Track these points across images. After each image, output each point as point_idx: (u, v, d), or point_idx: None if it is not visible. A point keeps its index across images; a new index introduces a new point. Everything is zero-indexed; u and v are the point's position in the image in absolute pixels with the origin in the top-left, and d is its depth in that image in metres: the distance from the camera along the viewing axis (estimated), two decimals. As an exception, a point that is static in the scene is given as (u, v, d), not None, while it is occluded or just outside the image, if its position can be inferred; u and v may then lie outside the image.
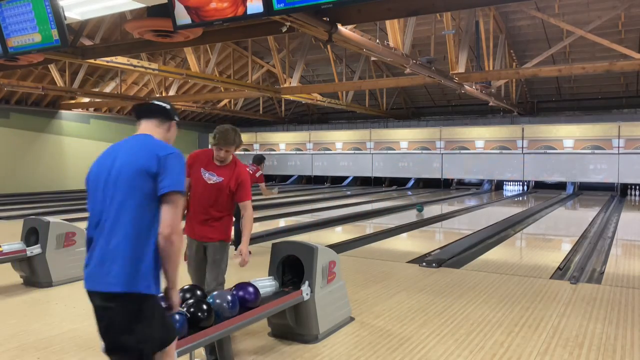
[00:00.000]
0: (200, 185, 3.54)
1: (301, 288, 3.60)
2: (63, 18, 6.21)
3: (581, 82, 17.52)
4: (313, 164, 22.12)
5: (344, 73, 16.09)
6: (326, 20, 6.16)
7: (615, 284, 5.36)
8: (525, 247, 8.17)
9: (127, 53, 9.52)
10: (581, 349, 3.57)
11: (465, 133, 19.13)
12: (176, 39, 7.06)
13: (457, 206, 13.81)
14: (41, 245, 5.25)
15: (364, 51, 8.05)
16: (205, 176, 3.55)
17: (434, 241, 8.83)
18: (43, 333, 3.92)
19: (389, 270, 5.96)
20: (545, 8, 12.80)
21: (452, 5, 6.17)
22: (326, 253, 3.88)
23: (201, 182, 3.54)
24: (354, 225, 10.59)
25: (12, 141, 17.15)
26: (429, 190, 19.01)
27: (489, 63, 12.82)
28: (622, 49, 10.48)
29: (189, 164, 3.55)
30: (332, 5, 4.84)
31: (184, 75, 12.40)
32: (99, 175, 2.31)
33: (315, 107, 23.46)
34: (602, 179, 16.97)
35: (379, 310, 4.45)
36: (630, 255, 7.20)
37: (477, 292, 5.03)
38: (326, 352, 3.53)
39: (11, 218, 10.56)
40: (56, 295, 4.94)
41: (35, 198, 15.04)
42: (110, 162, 2.28)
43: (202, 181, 3.54)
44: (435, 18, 11.45)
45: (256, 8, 5.01)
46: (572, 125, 17.48)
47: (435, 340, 3.75)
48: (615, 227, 9.61)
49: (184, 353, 2.68)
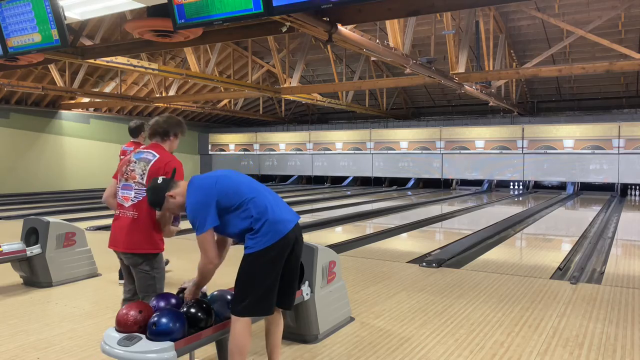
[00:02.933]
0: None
1: (301, 288, 3.60)
2: (63, 18, 6.21)
3: (581, 82, 17.52)
4: (313, 164, 22.12)
5: (344, 73, 16.10)
6: (326, 20, 6.16)
7: (615, 284, 5.36)
8: (525, 247, 8.16)
9: (127, 53, 9.52)
10: (581, 349, 3.57)
11: (465, 133, 19.13)
12: (176, 39, 7.06)
13: (457, 206, 13.81)
14: (41, 245, 5.25)
15: (364, 51, 8.05)
16: None
17: (434, 241, 8.83)
18: (43, 333, 3.92)
19: (389, 270, 5.96)
20: (546, 8, 12.80)
21: (452, 5, 6.16)
22: (326, 253, 3.87)
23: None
24: (354, 225, 10.59)
25: (12, 141, 17.16)
26: (429, 190, 19.02)
27: (489, 63, 12.82)
28: (622, 49, 10.48)
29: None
30: (332, 5, 4.84)
31: (184, 75, 12.40)
32: (229, 181, 2.87)
33: (315, 107, 23.47)
34: (602, 179, 16.97)
35: (379, 310, 4.45)
36: (630, 255, 7.20)
37: (477, 292, 5.03)
38: (326, 352, 3.53)
39: (11, 218, 10.56)
40: (56, 295, 4.94)
41: (35, 198, 15.04)
42: (221, 176, 2.89)
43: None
44: (435, 18, 11.44)
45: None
46: (572, 125, 17.47)
47: (435, 340, 3.75)
48: (615, 227, 9.61)
49: (184, 353, 2.67)
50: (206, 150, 24.55)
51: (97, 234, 8.50)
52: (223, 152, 24.28)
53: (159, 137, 3.36)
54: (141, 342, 2.57)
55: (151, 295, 3.13)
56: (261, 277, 2.75)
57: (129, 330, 2.64)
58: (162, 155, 3.27)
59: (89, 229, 8.69)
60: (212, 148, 24.51)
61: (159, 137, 3.36)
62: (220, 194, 2.73)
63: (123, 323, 2.66)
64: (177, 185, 2.85)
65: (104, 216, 10.64)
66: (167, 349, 2.53)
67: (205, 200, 2.71)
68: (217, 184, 2.77)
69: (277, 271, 2.79)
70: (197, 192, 2.76)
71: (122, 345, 2.55)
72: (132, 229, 3.16)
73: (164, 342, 2.55)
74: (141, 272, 3.18)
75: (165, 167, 3.19)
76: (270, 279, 2.77)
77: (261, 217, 2.74)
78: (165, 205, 2.84)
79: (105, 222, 9.70)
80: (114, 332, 2.66)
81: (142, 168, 3.20)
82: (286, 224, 2.80)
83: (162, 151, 3.31)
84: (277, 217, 2.77)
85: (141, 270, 3.18)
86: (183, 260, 6.47)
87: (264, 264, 2.75)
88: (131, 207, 3.19)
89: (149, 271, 3.18)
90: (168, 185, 2.84)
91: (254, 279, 2.75)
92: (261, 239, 2.73)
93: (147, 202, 2.94)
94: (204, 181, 2.80)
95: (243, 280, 2.78)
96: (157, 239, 3.22)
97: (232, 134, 24.23)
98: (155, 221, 3.21)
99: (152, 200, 2.87)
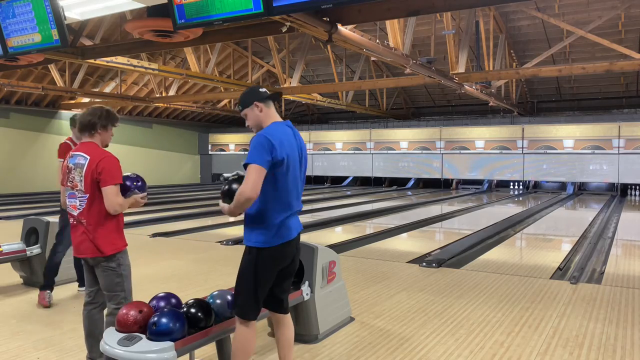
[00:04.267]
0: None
1: (301, 288, 3.60)
2: (63, 18, 6.22)
3: (581, 82, 17.53)
4: (313, 164, 22.12)
5: (344, 73, 16.10)
6: (326, 20, 6.16)
7: (615, 284, 5.36)
8: (525, 247, 8.16)
9: (127, 53, 9.53)
10: (581, 349, 3.57)
11: (465, 133, 19.13)
12: (176, 39, 7.07)
13: (457, 206, 13.81)
14: (41, 245, 5.25)
15: (364, 51, 8.05)
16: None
17: (434, 241, 8.83)
18: (43, 333, 3.92)
19: (389, 270, 5.96)
20: (546, 8, 12.81)
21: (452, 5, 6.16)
22: (326, 253, 3.87)
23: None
24: (354, 225, 10.59)
25: (12, 141, 17.17)
26: (429, 190, 19.02)
27: (489, 63, 12.82)
28: (622, 49, 10.49)
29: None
30: (332, 5, 4.84)
31: (184, 75, 12.42)
32: (295, 157, 2.75)
33: (315, 107, 23.47)
34: (602, 179, 16.98)
35: (379, 310, 4.45)
36: (630, 255, 7.20)
37: (477, 292, 5.03)
38: (326, 352, 3.53)
39: (11, 218, 10.57)
40: (56, 295, 4.94)
41: (35, 198, 15.05)
42: (296, 143, 2.78)
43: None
44: (435, 18, 11.45)
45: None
46: (572, 125, 17.47)
47: (435, 340, 3.75)
48: (615, 227, 9.61)
49: (184, 353, 2.67)
50: (206, 150, 24.55)
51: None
52: (223, 152, 24.27)
53: (87, 132, 3.21)
54: (141, 342, 2.57)
55: (119, 294, 3.09)
56: (262, 276, 2.72)
57: (129, 330, 2.64)
58: (93, 155, 3.10)
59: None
60: (212, 148, 24.51)
61: (87, 132, 3.21)
62: (278, 159, 2.62)
63: (123, 323, 2.66)
64: (265, 118, 2.79)
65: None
66: (167, 349, 2.53)
67: (270, 145, 2.59)
68: (285, 156, 2.65)
69: (275, 274, 2.77)
70: (271, 134, 2.64)
71: (122, 345, 2.55)
72: (87, 236, 3.07)
73: (164, 342, 2.55)
74: (107, 270, 3.08)
75: (97, 168, 3.04)
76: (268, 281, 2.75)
77: (280, 212, 2.69)
78: (248, 110, 2.78)
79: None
80: (114, 332, 2.67)
81: (79, 174, 3.08)
82: (293, 230, 2.78)
83: (93, 150, 3.15)
84: (285, 222, 2.73)
85: (107, 268, 3.08)
86: (183, 261, 6.48)
87: (267, 263, 2.71)
88: (79, 215, 3.10)
89: (115, 268, 3.09)
90: (259, 98, 2.78)
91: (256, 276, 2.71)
92: (271, 235, 2.68)
93: (240, 97, 2.84)
94: (282, 140, 2.67)
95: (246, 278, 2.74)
96: (115, 238, 3.11)
97: (232, 134, 24.22)
98: (108, 222, 3.10)
99: (242, 98, 2.81)
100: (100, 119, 3.22)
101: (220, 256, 6.74)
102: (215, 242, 7.68)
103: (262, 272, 2.70)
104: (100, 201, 3.06)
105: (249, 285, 2.70)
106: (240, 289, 2.74)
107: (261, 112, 2.78)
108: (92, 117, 3.20)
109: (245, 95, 2.82)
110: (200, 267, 6.06)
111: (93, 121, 3.20)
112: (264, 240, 2.68)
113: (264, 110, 2.78)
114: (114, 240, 3.11)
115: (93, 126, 3.20)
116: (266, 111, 2.78)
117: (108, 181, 3.03)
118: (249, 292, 2.71)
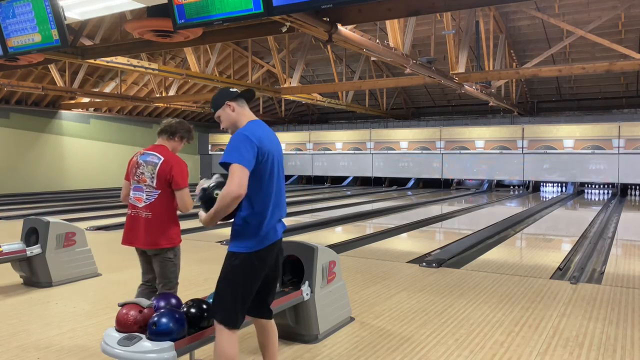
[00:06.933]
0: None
1: (301, 288, 3.60)
2: (63, 18, 6.21)
3: (581, 82, 17.53)
4: (313, 164, 22.12)
5: (344, 73, 16.10)
6: (326, 20, 6.16)
7: (615, 284, 5.36)
8: (525, 247, 8.16)
9: (127, 53, 9.52)
10: (581, 349, 3.57)
11: (465, 133, 19.13)
12: (176, 39, 7.07)
13: (457, 206, 13.81)
14: (41, 245, 5.25)
15: (364, 51, 8.05)
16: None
17: (434, 241, 8.83)
18: (43, 333, 3.92)
19: (389, 270, 5.96)
20: (545, 8, 12.80)
21: (452, 5, 6.16)
22: (326, 253, 3.87)
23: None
24: (354, 225, 10.59)
25: (12, 141, 17.16)
26: (429, 190, 19.01)
27: (489, 63, 12.82)
28: (622, 49, 10.49)
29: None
30: (332, 5, 4.84)
31: (184, 75, 12.40)
32: (275, 156, 2.66)
33: (315, 107, 23.47)
34: (602, 179, 16.98)
35: (379, 310, 4.45)
36: (630, 255, 7.20)
37: (477, 292, 5.03)
38: (326, 352, 3.53)
39: (11, 218, 10.56)
40: (56, 295, 4.94)
41: (35, 198, 15.04)
42: (276, 144, 2.71)
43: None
44: (435, 18, 11.45)
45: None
46: (572, 125, 17.47)
47: (435, 340, 3.75)
48: (615, 227, 9.61)
49: (184, 353, 2.68)
50: (206, 150, 24.55)
51: (97, 234, 8.51)
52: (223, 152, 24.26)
53: (165, 136, 3.55)
54: (141, 342, 2.57)
55: (173, 281, 3.42)
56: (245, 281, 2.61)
57: (129, 330, 2.65)
58: (167, 157, 3.43)
59: (89, 229, 8.69)
60: (212, 148, 24.50)
61: (166, 135, 3.55)
62: (260, 157, 2.56)
63: (123, 323, 2.67)
64: (243, 114, 2.75)
65: (104, 216, 10.65)
66: (167, 349, 2.53)
67: (251, 143, 2.54)
68: (267, 153, 2.60)
69: (261, 279, 2.67)
70: (250, 132, 2.59)
71: (122, 345, 2.55)
72: (148, 229, 3.36)
73: (164, 342, 2.55)
74: (165, 260, 3.39)
75: (170, 171, 3.37)
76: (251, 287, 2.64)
77: (259, 214, 2.61)
78: (221, 111, 2.74)
79: (105, 222, 9.71)
80: (114, 332, 2.67)
81: (151, 172, 3.39)
82: (279, 232, 2.72)
83: (166, 152, 3.48)
84: (272, 224, 2.66)
85: (165, 258, 3.39)
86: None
87: (256, 268, 2.62)
88: (144, 207, 3.40)
89: (172, 259, 3.43)
90: (230, 97, 2.74)
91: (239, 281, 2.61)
92: (258, 239, 2.61)
93: (212, 100, 2.82)
94: (262, 139, 2.60)
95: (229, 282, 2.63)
96: (173, 234, 3.44)
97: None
98: (169, 217, 3.40)
99: (213, 100, 2.79)
100: (183, 131, 3.59)
101: (220, 256, 6.67)
102: (215, 242, 7.68)
103: (251, 277, 2.60)
104: (167, 198, 3.40)
105: (236, 292, 2.58)
106: (225, 297, 2.59)
107: (234, 112, 2.73)
108: (178, 126, 3.58)
109: (216, 97, 2.77)
110: (200, 267, 6.06)
111: (176, 131, 3.56)
112: (252, 245, 2.59)
113: (236, 110, 2.73)
114: (174, 234, 3.44)
115: (174, 134, 3.56)
116: (239, 110, 2.74)
117: (181, 184, 3.41)
118: (235, 300, 2.58)
